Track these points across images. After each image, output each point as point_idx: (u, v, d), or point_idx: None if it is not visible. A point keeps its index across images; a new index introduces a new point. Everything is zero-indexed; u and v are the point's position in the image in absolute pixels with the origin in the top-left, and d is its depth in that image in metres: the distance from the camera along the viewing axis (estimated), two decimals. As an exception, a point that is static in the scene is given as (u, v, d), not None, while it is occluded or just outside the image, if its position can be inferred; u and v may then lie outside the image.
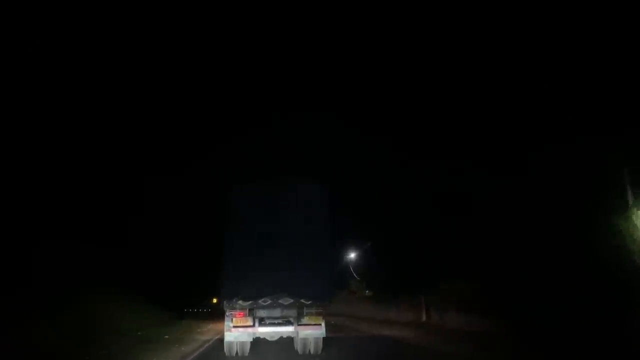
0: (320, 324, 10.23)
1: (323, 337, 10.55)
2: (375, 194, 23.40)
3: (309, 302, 10.08)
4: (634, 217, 10.43)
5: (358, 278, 32.53)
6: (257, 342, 11.06)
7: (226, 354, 10.77)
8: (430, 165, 17.62)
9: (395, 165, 20.54)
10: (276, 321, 10.35)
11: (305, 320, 10.21)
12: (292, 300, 9.98)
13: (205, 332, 20.15)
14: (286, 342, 11.74)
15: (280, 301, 9.97)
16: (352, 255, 33.13)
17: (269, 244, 9.97)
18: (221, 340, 11.55)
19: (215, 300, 39.79)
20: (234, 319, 10.20)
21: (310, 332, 10.35)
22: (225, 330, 10.41)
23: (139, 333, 16.68)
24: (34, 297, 12.76)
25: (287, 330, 10.39)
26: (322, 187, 10.76)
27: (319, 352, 10.66)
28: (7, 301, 11.21)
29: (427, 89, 19.36)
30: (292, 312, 10.28)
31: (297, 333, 10.48)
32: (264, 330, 10.37)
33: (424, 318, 19.14)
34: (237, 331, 10.23)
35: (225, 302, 10.14)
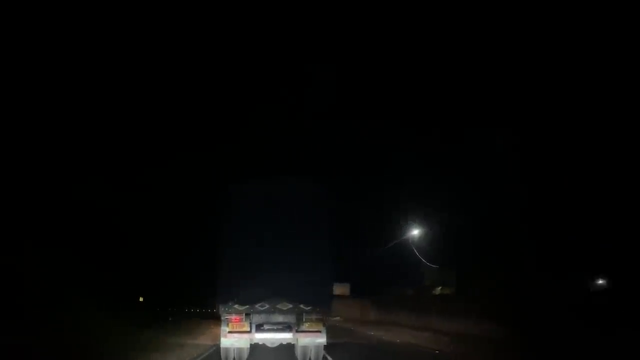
0: (320, 331, 9.82)
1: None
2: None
3: (309, 308, 9.66)
4: None
5: (435, 266, 23.13)
6: (256, 348, 10.60)
7: None
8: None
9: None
10: (274, 327, 9.90)
11: (305, 326, 9.80)
12: (290, 306, 9.57)
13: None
14: (286, 349, 11.35)
15: (278, 306, 9.58)
16: (416, 232, 23.68)
17: (266, 246, 9.58)
18: None
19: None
20: (230, 324, 9.78)
21: (310, 340, 9.94)
22: (221, 335, 10.00)
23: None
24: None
25: (285, 336, 9.97)
26: (322, 186, 10.36)
27: None
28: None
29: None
30: (291, 318, 9.86)
31: (297, 340, 10.06)
32: (261, 337, 9.95)
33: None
34: (233, 337, 9.81)
35: (220, 306, 9.75)
